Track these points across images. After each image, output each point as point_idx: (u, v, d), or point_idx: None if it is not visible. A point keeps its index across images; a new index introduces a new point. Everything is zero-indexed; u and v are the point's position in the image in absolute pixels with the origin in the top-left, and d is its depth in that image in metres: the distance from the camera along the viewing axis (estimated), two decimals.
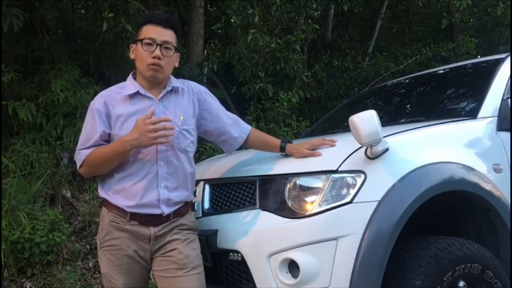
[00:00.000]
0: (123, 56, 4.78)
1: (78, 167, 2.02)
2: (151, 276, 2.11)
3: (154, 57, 1.94)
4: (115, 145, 1.91)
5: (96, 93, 2.13)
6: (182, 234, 1.98)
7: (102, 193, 2.01)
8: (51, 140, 4.51)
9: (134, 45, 2.04)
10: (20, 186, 3.92)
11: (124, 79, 2.10)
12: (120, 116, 1.96)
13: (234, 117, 2.26)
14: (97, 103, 1.99)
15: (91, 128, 1.97)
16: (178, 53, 2.07)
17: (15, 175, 4.01)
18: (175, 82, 2.08)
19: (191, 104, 2.09)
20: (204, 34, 6.06)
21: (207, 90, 2.21)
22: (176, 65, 2.07)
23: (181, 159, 2.00)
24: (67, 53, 4.98)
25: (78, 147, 2.02)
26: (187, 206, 2.07)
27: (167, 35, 1.99)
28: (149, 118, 1.84)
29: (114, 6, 4.55)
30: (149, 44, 1.96)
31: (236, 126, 2.23)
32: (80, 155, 1.98)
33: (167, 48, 1.98)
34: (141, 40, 1.97)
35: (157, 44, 1.95)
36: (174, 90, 2.06)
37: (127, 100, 1.99)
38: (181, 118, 2.01)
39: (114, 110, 1.96)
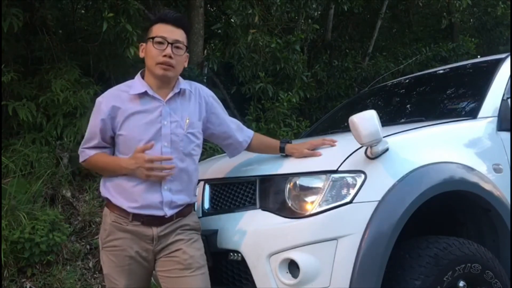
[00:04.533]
0: (123, 56, 4.77)
1: (80, 161, 2.08)
2: (152, 276, 2.11)
3: (165, 56, 1.94)
4: (112, 164, 1.96)
5: (96, 93, 2.14)
6: (186, 235, 1.98)
7: (104, 192, 2.01)
8: (51, 140, 4.51)
9: (144, 44, 2.03)
10: (20, 186, 3.91)
11: (124, 79, 2.09)
12: (125, 116, 1.95)
13: (237, 122, 2.27)
14: (103, 105, 1.98)
15: (94, 130, 2.00)
16: (188, 54, 2.07)
17: (15, 175, 4.01)
18: (183, 83, 2.07)
19: (197, 107, 2.08)
20: (204, 34, 6.06)
21: (213, 94, 2.22)
22: (185, 65, 2.07)
23: (186, 162, 1.99)
24: (67, 53, 4.97)
25: (82, 143, 2.06)
26: (190, 206, 2.07)
27: (178, 34, 1.99)
28: (149, 156, 1.86)
29: (114, 6, 4.55)
30: (160, 42, 1.96)
31: (240, 131, 2.23)
32: (83, 154, 2.05)
33: (177, 47, 1.98)
34: (152, 38, 1.96)
35: (168, 43, 1.95)
36: (181, 93, 2.05)
37: (135, 99, 1.98)
38: (187, 121, 2.01)
39: (120, 110, 1.96)
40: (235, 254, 2.08)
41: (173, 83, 2.04)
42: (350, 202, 1.91)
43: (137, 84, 2.02)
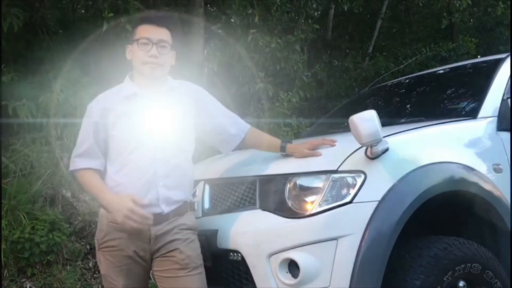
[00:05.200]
0: (123, 56, 4.77)
1: (69, 169, 2.07)
2: (151, 276, 2.11)
3: (150, 56, 1.97)
4: (98, 192, 1.95)
5: (96, 93, 2.15)
6: (183, 234, 1.98)
7: None
8: (51, 140, 4.51)
9: (130, 46, 2.06)
10: (20, 186, 3.92)
11: (123, 79, 2.11)
12: (116, 116, 1.98)
13: (233, 115, 2.26)
14: (94, 109, 2.02)
15: (86, 132, 2.01)
16: (174, 51, 2.09)
17: (15, 175, 4.01)
18: (171, 81, 2.10)
19: (187, 103, 2.10)
20: (204, 34, 6.06)
21: (204, 90, 2.22)
22: (173, 63, 2.09)
23: (179, 157, 2.01)
24: (67, 53, 4.97)
25: (74, 151, 2.04)
26: (186, 205, 2.07)
27: (162, 34, 2.01)
28: (136, 205, 1.85)
29: (114, 6, 4.55)
30: (145, 43, 1.98)
31: (234, 125, 2.23)
32: (73, 164, 2.03)
33: (162, 46, 2.00)
34: (137, 40, 1.99)
35: (153, 43, 1.97)
36: (170, 90, 2.07)
37: (124, 100, 2.01)
38: (178, 117, 2.03)
39: (111, 111, 1.98)
40: (235, 254, 2.07)
41: (161, 82, 2.06)
42: (350, 202, 1.91)
43: (125, 86, 2.05)
